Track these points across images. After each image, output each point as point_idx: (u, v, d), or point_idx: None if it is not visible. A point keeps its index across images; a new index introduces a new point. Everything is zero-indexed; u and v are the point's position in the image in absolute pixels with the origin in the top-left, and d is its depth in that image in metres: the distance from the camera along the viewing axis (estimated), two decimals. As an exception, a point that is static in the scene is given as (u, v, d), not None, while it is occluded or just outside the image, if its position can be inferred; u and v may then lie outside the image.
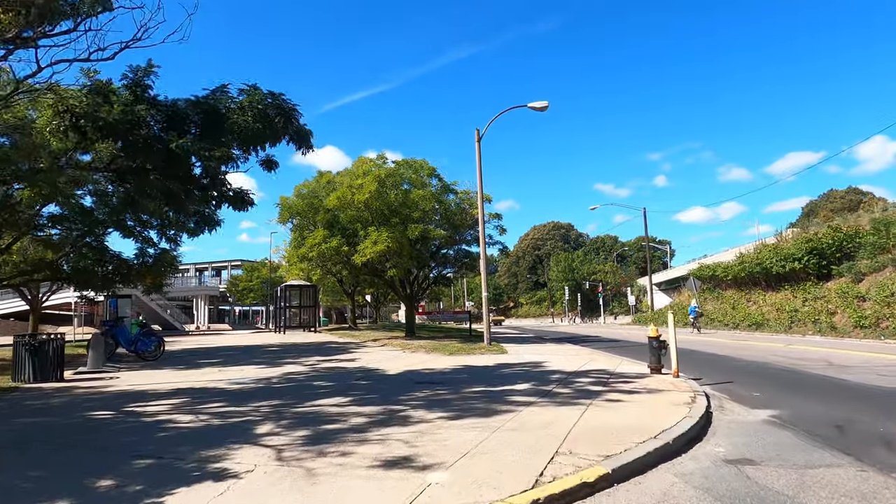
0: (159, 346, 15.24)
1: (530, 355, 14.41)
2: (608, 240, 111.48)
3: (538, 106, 18.17)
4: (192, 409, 7.29)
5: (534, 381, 9.25)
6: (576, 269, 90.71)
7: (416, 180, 21.33)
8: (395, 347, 17.85)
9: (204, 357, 15.84)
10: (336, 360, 13.95)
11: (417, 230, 18.80)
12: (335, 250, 19.19)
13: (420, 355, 14.93)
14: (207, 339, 28.90)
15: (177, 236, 16.13)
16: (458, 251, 24.33)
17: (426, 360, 13.40)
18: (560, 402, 7.26)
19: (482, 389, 8.50)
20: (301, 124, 8.62)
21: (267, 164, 9.27)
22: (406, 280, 22.93)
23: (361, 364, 12.95)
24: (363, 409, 7.03)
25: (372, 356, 15.03)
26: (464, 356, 14.38)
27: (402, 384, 9.37)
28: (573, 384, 8.90)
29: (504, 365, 12.07)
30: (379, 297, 45.02)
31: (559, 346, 18.27)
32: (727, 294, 36.43)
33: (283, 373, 11.47)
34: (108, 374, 11.74)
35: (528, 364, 12.13)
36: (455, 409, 6.82)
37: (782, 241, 34.46)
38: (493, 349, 15.98)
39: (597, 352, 15.65)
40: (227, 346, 20.84)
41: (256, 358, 15.26)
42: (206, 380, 10.51)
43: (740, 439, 5.76)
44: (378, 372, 11.30)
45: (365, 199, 18.91)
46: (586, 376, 9.91)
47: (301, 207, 20.59)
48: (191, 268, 76.11)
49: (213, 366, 13.28)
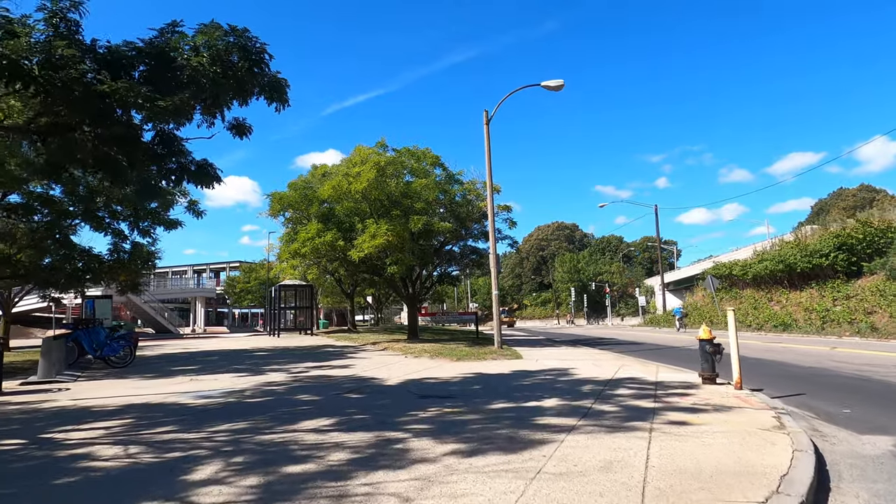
0: (130, 350, 13.54)
1: (549, 360, 12.66)
2: (613, 240, 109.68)
3: (553, 85, 16.47)
4: (129, 437, 5.58)
5: (565, 395, 7.50)
6: (581, 269, 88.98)
7: (418, 169, 19.61)
8: (395, 352, 16.11)
9: (181, 363, 14.13)
10: (327, 367, 12.23)
11: (420, 222, 17.06)
12: (330, 245, 17.44)
13: (424, 361, 13.19)
14: (198, 342, 27.19)
15: (150, 228, 14.46)
16: (463, 247, 22.60)
17: (431, 367, 11.66)
18: (609, 425, 5.52)
19: (503, 407, 6.76)
20: (273, 72, 6.93)
21: (237, 129, 7.53)
22: (408, 279, 21.19)
23: (355, 372, 11.21)
24: (349, 436, 5.30)
25: (369, 362, 13.30)
26: (473, 362, 12.65)
27: (403, 399, 7.64)
28: (614, 398, 7.16)
29: (522, 373, 10.32)
30: (380, 298, 43.30)
31: (577, 350, 16.52)
32: (745, 294, 34.60)
33: (263, 383, 9.75)
34: (58, 385, 10.03)
35: (550, 372, 10.38)
36: (472, 438, 5.09)
37: (803, 237, 32.68)
38: (506, 353, 14.23)
39: (623, 356, 13.89)
40: (213, 350, 19.13)
41: (239, 364, 13.55)
42: (169, 392, 8.80)
43: (882, 485, 4.03)
44: (374, 382, 9.56)
45: (363, 189, 17.20)
46: (625, 387, 8.17)
47: (293, 199, 18.86)
48: (188, 269, 74.60)
49: (186, 374, 11.57)
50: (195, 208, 14.62)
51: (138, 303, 41.25)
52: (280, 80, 7.00)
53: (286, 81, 7.10)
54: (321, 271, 25.96)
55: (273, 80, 6.87)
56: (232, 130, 7.61)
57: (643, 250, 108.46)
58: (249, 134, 7.61)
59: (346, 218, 19.07)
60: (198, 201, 15.06)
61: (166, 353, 17.79)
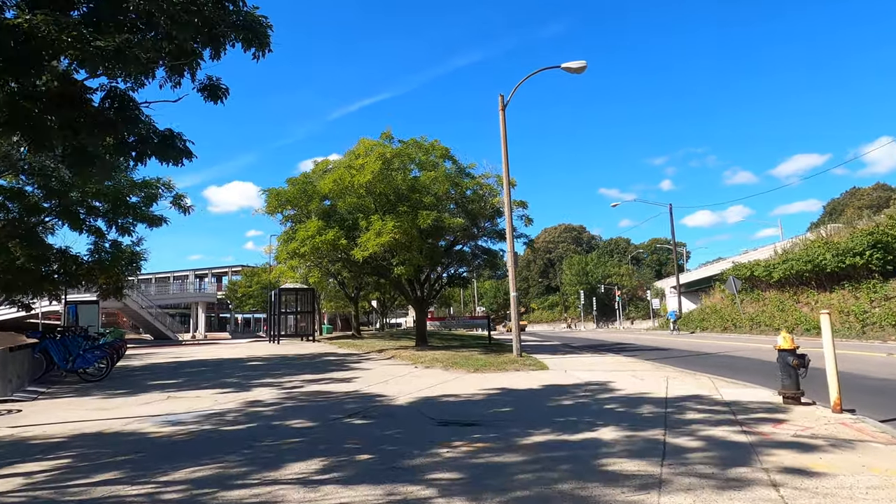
0: (107, 362, 12.08)
1: (580, 372, 11.11)
2: (621, 242, 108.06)
3: (574, 66, 14.98)
4: (49, 492, 4.08)
5: (621, 421, 5.96)
6: (590, 272, 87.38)
7: (426, 163, 18.12)
8: (404, 361, 14.59)
9: (164, 376, 12.64)
10: (327, 381, 10.71)
11: (430, 218, 15.53)
12: (331, 244, 15.93)
13: (437, 372, 11.66)
14: (193, 350, 25.74)
15: (130, 225, 13.02)
16: (474, 247, 21.07)
17: (447, 381, 10.13)
18: (708, 475, 3.97)
19: (549, 440, 5.23)
20: (250, 8, 5.47)
21: (210, 91, 6.05)
22: (416, 280, 19.67)
23: (359, 387, 9.69)
24: (349, 493, 3.78)
25: (375, 374, 11.78)
26: (494, 373, 11.11)
27: (418, 426, 6.11)
28: (689, 427, 5.61)
29: (556, 388, 8.78)
30: (385, 303, 41.78)
31: (603, 358, 14.96)
32: (768, 295, 32.92)
33: (249, 401, 8.24)
34: (10, 405, 8.55)
35: (588, 387, 8.83)
36: (525, 501, 3.55)
37: (827, 236, 31.03)
38: (528, 363, 12.68)
39: (660, 365, 12.32)
40: (205, 359, 17.64)
41: (228, 377, 12.05)
42: (136, 416, 7.32)
43: None
44: (381, 401, 8.04)
45: (367, 182, 15.70)
46: (692, 409, 6.61)
47: (292, 195, 17.38)
48: (190, 274, 73.35)
49: (165, 389, 10.08)
50: (181, 203, 13.23)
51: (135, 308, 39.93)
52: (258, 19, 5.52)
53: (267, 21, 5.63)
54: (323, 274, 24.49)
55: (250, 18, 5.42)
56: (204, 92, 6.11)
57: (651, 252, 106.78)
58: (225, 97, 6.12)
59: (349, 215, 17.60)
60: (184, 195, 13.68)
61: (153, 364, 16.31)
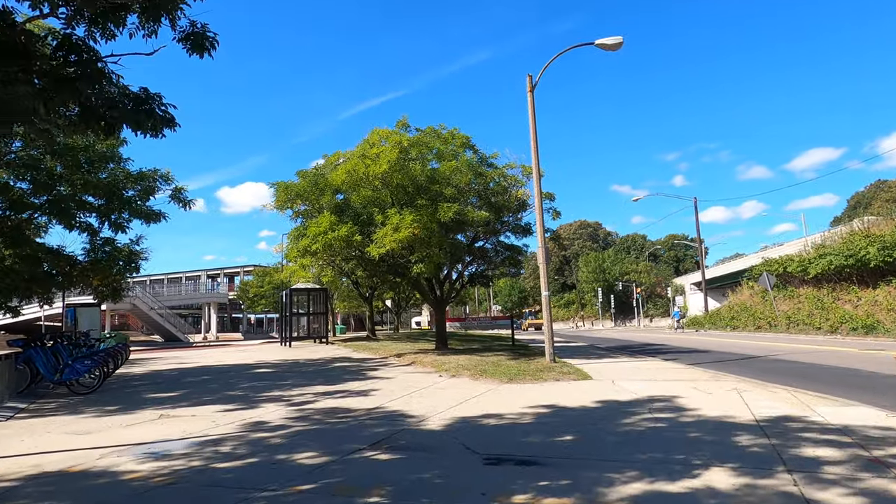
0: (101, 371, 10.92)
1: (628, 382, 9.73)
2: (638, 238, 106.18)
3: (610, 43, 13.61)
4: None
5: (723, 459, 4.60)
6: (607, 269, 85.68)
7: (445, 152, 16.76)
8: (425, 367, 13.30)
9: (163, 387, 11.45)
10: (342, 394, 9.43)
11: (451, 211, 14.20)
12: (345, 240, 14.64)
13: (465, 382, 10.35)
14: (202, 353, 24.69)
15: (125, 222, 11.84)
16: (496, 243, 19.72)
17: (480, 394, 8.81)
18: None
19: (644, 491, 3.88)
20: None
21: (194, 41, 4.81)
22: (435, 279, 18.37)
23: (380, 402, 8.40)
24: None
25: (396, 384, 10.49)
26: (531, 383, 9.77)
27: (459, 464, 4.80)
28: (822, 470, 4.23)
29: (613, 406, 7.42)
30: (400, 302, 40.55)
31: (642, 363, 13.57)
32: (803, 292, 31.19)
33: (251, 424, 6.99)
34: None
35: (651, 404, 7.46)
36: None
37: (866, 229, 29.24)
38: (566, 371, 11.32)
39: (717, 373, 10.90)
40: (211, 366, 16.48)
41: (233, 388, 10.82)
42: (116, 444, 6.10)
43: None
44: (408, 423, 6.74)
45: (382, 173, 14.41)
46: (801, 438, 5.23)
47: (302, 188, 16.13)
48: (202, 274, 72.77)
49: (160, 405, 8.88)
50: (181, 196, 12.04)
51: (144, 310, 39.09)
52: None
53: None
54: (336, 272, 23.26)
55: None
56: (186, 43, 4.87)
57: (668, 248, 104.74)
58: (213, 49, 4.85)
59: (364, 209, 16.32)
60: (184, 188, 12.47)
61: (155, 371, 15.17)
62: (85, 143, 10.37)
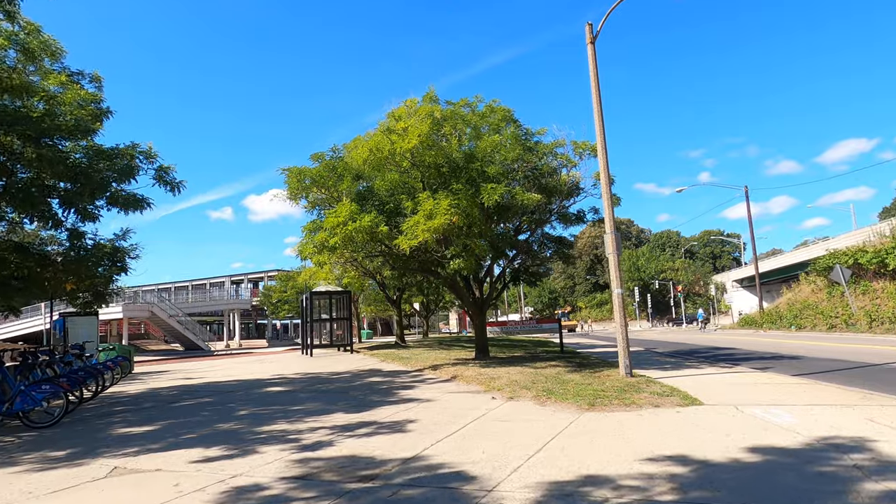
0: (64, 399, 8.70)
1: (758, 408, 7.06)
2: (672, 235, 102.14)
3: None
4: None
5: None
6: (641, 267, 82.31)
7: (483, 127, 14.27)
8: (471, 384, 10.78)
9: (146, 415, 9.18)
10: (369, 429, 6.97)
11: (497, 192, 11.66)
12: (368, 232, 12.18)
13: (531, 408, 7.80)
14: (217, 364, 22.62)
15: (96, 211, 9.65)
16: (542, 235, 17.12)
17: (562, 432, 6.26)
18: None
19: None
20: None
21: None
22: (474, 277, 15.86)
23: (422, 445, 5.92)
24: None
25: (438, 412, 8.00)
26: (622, 412, 7.17)
27: None
28: None
29: (781, 458, 4.78)
30: (429, 305, 38.13)
31: (735, 376, 10.83)
32: (879, 286, 27.77)
33: (229, 493, 4.57)
34: None
35: (838, 452, 4.81)
36: None
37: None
38: (655, 388, 8.68)
39: (868, 393, 8.14)
40: (219, 382, 14.23)
41: (229, 417, 8.46)
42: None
43: None
44: (471, 497, 4.24)
45: (412, 149, 11.98)
46: None
47: (317, 173, 13.81)
48: (226, 280, 71.59)
49: (124, 448, 6.56)
50: (166, 178, 9.86)
51: (163, 318, 37.49)
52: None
53: None
54: (359, 272, 20.93)
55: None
56: None
57: (703, 245, 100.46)
58: None
59: (390, 197, 13.91)
60: (171, 167, 10.23)
61: (152, 390, 12.99)
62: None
